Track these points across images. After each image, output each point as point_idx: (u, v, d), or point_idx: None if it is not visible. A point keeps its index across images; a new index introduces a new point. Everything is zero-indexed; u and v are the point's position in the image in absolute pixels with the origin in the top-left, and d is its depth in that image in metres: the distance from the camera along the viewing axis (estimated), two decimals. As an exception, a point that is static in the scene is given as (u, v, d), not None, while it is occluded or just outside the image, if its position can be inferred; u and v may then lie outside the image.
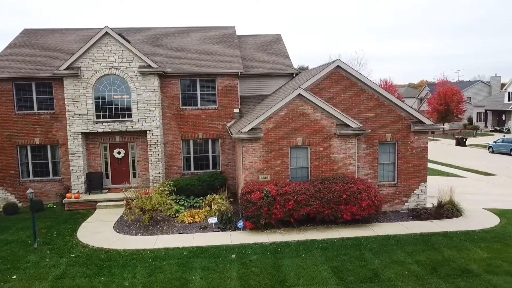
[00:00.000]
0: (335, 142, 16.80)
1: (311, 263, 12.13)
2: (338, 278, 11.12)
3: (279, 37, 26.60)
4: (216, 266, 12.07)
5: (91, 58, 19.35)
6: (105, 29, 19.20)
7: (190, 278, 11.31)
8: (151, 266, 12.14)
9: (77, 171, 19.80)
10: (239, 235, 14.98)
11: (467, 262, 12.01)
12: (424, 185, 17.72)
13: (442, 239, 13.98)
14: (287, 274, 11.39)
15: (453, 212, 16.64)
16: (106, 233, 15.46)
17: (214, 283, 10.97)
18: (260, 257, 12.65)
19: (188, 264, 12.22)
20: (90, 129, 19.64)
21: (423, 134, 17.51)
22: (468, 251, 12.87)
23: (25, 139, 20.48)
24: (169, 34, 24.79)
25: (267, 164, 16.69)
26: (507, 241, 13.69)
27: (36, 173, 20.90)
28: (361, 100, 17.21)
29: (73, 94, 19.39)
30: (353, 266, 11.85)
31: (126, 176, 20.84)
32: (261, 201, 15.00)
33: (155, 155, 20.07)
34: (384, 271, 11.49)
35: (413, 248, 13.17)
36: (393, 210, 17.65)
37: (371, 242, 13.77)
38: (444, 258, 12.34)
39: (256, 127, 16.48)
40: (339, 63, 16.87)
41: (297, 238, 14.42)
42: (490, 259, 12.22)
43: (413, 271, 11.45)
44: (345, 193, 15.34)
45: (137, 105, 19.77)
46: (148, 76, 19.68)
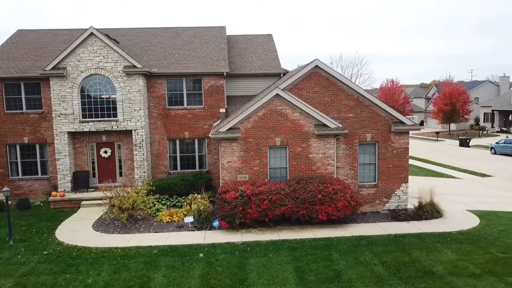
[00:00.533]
0: (313, 142, 16.77)
1: (276, 262, 12.14)
2: (299, 278, 11.12)
3: (270, 37, 26.60)
4: (182, 264, 12.15)
5: (76, 59, 19.61)
6: (90, 29, 19.44)
7: (153, 276, 11.41)
8: (118, 264, 12.27)
9: (64, 170, 20.08)
10: (213, 234, 15.05)
11: (433, 263, 11.90)
12: (405, 186, 17.59)
13: (414, 240, 13.86)
14: (249, 274, 11.42)
15: (432, 214, 16.49)
16: (84, 231, 15.66)
17: (175, 282, 11.05)
18: (227, 257, 12.70)
19: (154, 263, 12.33)
20: (76, 129, 19.91)
21: (404, 135, 17.38)
22: (437, 252, 12.75)
23: (14, 138, 20.84)
24: (160, 34, 24.97)
25: (246, 164, 16.73)
26: (480, 243, 13.53)
27: (25, 171, 21.26)
28: (340, 100, 17.15)
29: (59, 94, 19.67)
30: (317, 266, 11.83)
31: (113, 175, 21.07)
32: (235, 201, 15.05)
33: (140, 155, 20.26)
34: (346, 271, 11.46)
35: (382, 249, 13.09)
36: (374, 211, 17.55)
37: (343, 243, 13.72)
38: (411, 259, 12.24)
39: (234, 127, 16.54)
40: (317, 63, 16.84)
41: (270, 238, 14.43)
42: (458, 261, 12.09)
43: (375, 272, 11.39)
44: (320, 193, 15.30)
45: (122, 105, 19.98)
46: (133, 76, 19.87)
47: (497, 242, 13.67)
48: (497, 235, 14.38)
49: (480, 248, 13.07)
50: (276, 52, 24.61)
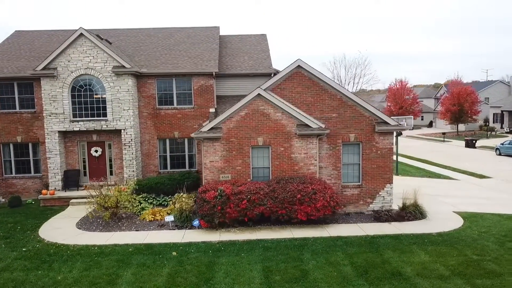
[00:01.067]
0: (296, 142, 16.76)
1: (246, 262, 12.19)
2: (264, 277, 11.14)
3: (264, 37, 26.63)
4: (153, 263, 12.28)
5: (67, 59, 19.92)
6: (80, 30, 19.73)
7: (122, 273, 11.56)
8: (92, 262, 12.45)
9: (54, 169, 20.42)
10: (192, 233, 15.15)
11: (403, 265, 11.80)
12: (389, 186, 17.45)
13: (391, 242, 13.77)
14: (217, 273, 11.49)
15: (415, 215, 16.33)
16: (67, 229, 15.91)
17: (142, 279, 11.18)
18: (199, 255, 12.79)
19: (127, 260, 12.48)
20: (66, 128, 20.22)
21: (388, 135, 17.25)
22: (411, 254, 12.64)
23: (7, 137, 21.27)
24: (154, 35, 25.21)
25: (228, 163, 16.81)
26: (457, 245, 13.37)
27: (18, 170, 21.68)
28: (323, 100, 17.10)
29: (50, 94, 20.01)
30: (286, 266, 11.83)
31: (103, 174, 21.34)
32: (214, 200, 15.12)
33: (129, 154, 20.48)
34: (314, 271, 11.44)
35: (356, 250, 13.03)
36: (358, 211, 17.45)
37: (318, 243, 13.69)
38: (382, 260, 12.16)
39: (217, 127, 16.63)
40: (299, 63, 16.82)
41: (248, 237, 14.47)
42: (429, 262, 11.98)
43: (343, 273, 11.35)
44: (299, 193, 15.29)
45: (111, 105, 20.23)
46: (122, 76, 20.10)
47: (474, 244, 13.49)
48: (477, 237, 14.18)
49: (455, 250, 12.92)
50: (268, 52, 24.62)
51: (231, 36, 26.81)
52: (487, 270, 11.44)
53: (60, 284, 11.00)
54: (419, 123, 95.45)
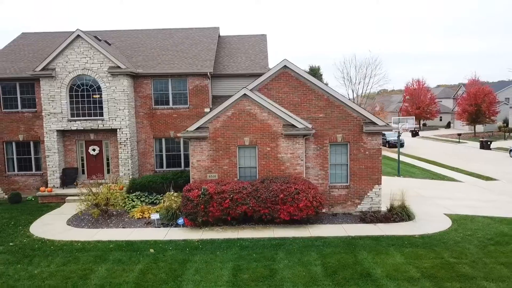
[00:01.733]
0: (282, 142, 16.80)
1: (219, 260, 12.32)
2: (233, 275, 11.25)
3: (263, 37, 26.71)
4: (129, 259, 12.55)
5: (65, 60, 20.47)
6: (77, 32, 20.25)
7: (96, 269, 11.86)
8: (71, 257, 12.82)
9: (53, 167, 21.02)
10: (176, 231, 15.38)
11: (374, 266, 11.72)
12: (378, 187, 17.29)
13: (370, 243, 13.66)
14: (188, 270, 11.66)
15: (402, 216, 16.14)
16: (57, 225, 16.38)
17: (114, 275, 11.45)
18: (176, 253, 13.00)
19: (104, 256, 12.79)
20: (64, 127, 20.79)
21: (376, 135, 17.09)
22: (386, 255, 12.53)
23: (10, 135, 22.01)
24: (154, 35, 25.62)
25: (215, 163, 16.98)
26: (436, 247, 13.17)
27: (20, 167, 22.39)
28: (310, 101, 17.08)
29: (48, 94, 20.61)
30: (257, 265, 11.91)
31: (100, 172, 21.83)
32: (198, 199, 15.32)
33: (124, 153, 20.91)
34: (283, 271, 11.48)
35: (332, 250, 12.99)
36: (346, 212, 17.35)
37: (296, 243, 13.71)
38: (355, 261, 12.10)
39: (203, 126, 16.82)
40: (286, 63, 16.85)
41: (229, 236, 14.60)
42: (402, 264, 11.85)
43: (312, 273, 11.35)
44: (282, 193, 15.33)
45: (107, 104, 20.69)
46: (118, 77, 20.53)
47: (455, 247, 13.26)
48: (460, 240, 13.93)
49: (433, 253, 12.73)
50: (266, 53, 24.69)
51: (230, 37, 27.00)
52: (460, 273, 11.25)
53: (35, 278, 11.37)
54: (437, 124, 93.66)
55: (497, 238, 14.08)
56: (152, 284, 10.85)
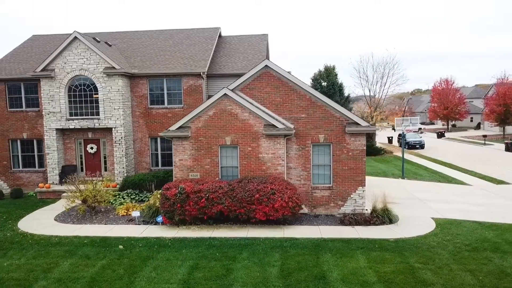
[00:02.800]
0: (263, 142, 16.76)
1: (181, 258, 12.46)
2: (188, 274, 11.36)
3: (264, 37, 26.67)
4: (96, 255, 12.90)
5: (63, 61, 21.22)
6: (74, 33, 20.94)
7: (61, 263, 12.27)
8: (43, 251, 13.31)
9: (52, 164, 21.84)
10: (153, 229, 15.66)
11: (333, 269, 11.52)
12: (362, 189, 16.94)
13: (339, 245, 13.43)
14: (147, 267, 11.86)
15: (383, 219, 15.75)
16: (44, 220, 17.02)
17: (76, 269, 11.80)
18: (142, 250, 13.24)
19: (74, 251, 13.21)
20: (63, 126, 21.55)
21: (360, 136, 16.75)
22: (350, 258, 12.29)
23: (15, 133, 23.02)
24: (155, 36, 26.11)
25: (197, 162, 17.15)
26: (406, 252, 12.79)
27: (24, 164, 23.39)
28: (292, 101, 16.95)
29: (48, 94, 21.43)
30: (216, 264, 11.96)
31: (98, 170, 22.49)
32: (174, 198, 15.53)
33: (119, 151, 21.44)
34: (238, 271, 11.48)
35: (297, 252, 12.87)
36: (329, 214, 17.11)
37: (265, 243, 13.66)
38: (315, 263, 11.94)
39: (185, 126, 17.03)
40: (267, 63, 16.80)
41: (202, 235, 14.73)
42: (363, 268, 11.59)
43: (266, 274, 11.29)
44: (258, 192, 15.30)
45: (103, 104, 21.28)
46: (113, 77, 21.08)
47: (426, 252, 12.82)
48: (435, 245, 13.46)
49: (400, 257, 12.37)
50: (264, 52, 24.66)
51: (231, 37, 27.12)
52: (419, 279, 10.89)
53: (2, 270, 11.88)
54: (467, 125, 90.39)
55: (475, 244, 13.51)
56: (107, 280, 11.11)
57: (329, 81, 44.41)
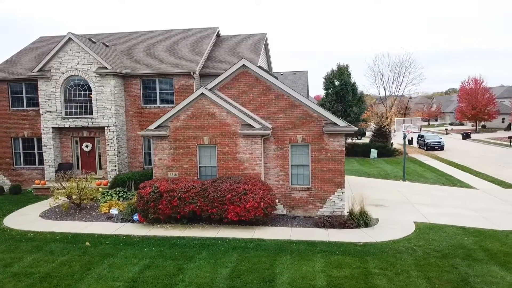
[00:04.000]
0: (241, 142, 16.65)
1: (139, 257, 12.55)
2: (140, 272, 11.42)
3: (262, 36, 26.51)
4: (60, 251, 13.19)
5: (59, 61, 21.84)
6: (69, 35, 21.50)
7: (25, 258, 12.62)
8: (12, 245, 13.75)
9: (49, 161, 22.52)
10: (128, 227, 15.86)
11: (285, 272, 11.29)
12: (341, 191, 16.54)
13: (302, 248, 13.16)
14: (103, 264, 12.02)
15: (359, 222, 15.32)
16: (30, 216, 17.56)
17: (35, 264, 12.11)
18: (106, 247, 13.44)
19: (42, 247, 13.56)
20: (58, 124, 22.19)
21: (339, 137, 16.35)
22: (307, 261, 12.00)
23: (17, 132, 23.90)
24: (153, 37, 26.45)
25: (176, 161, 17.24)
26: (369, 256, 12.38)
27: (26, 161, 24.24)
28: (270, 100, 16.75)
29: (45, 93, 22.11)
30: (170, 263, 11.98)
31: (93, 168, 23.02)
32: (148, 196, 15.67)
33: (111, 150, 21.86)
34: (190, 271, 11.45)
35: (256, 253, 12.69)
36: (307, 215, 16.81)
37: (230, 244, 13.57)
38: (270, 266, 11.74)
39: (164, 125, 17.15)
40: (244, 62, 16.67)
41: (172, 234, 14.79)
42: (316, 272, 11.30)
43: (216, 275, 11.20)
44: (230, 193, 15.22)
45: (96, 103, 21.75)
46: (105, 77, 21.51)
47: (391, 257, 12.36)
48: (403, 250, 12.96)
49: (361, 262, 11.99)
50: (259, 52, 24.52)
51: (230, 36, 27.11)
52: (371, 285, 10.53)
53: (-32, 263, 12.35)
54: (497, 126, 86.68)
55: (447, 251, 12.92)
56: (59, 276, 11.34)
57: (342, 80, 43.65)
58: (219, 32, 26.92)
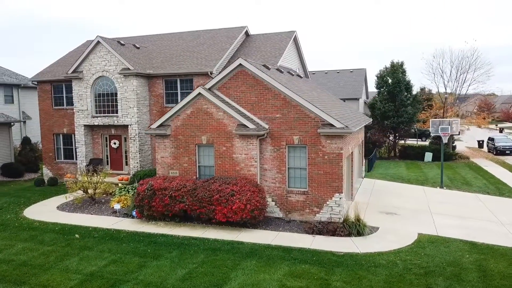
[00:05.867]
0: (237, 142, 16.46)
1: (113, 252, 12.96)
2: (104, 266, 11.79)
3: (289, 34, 25.93)
4: (51, 241, 14.07)
5: (89, 63, 23.27)
6: (97, 38, 22.80)
7: (16, 245, 13.66)
8: (15, 233, 14.95)
9: (81, 157, 24.11)
10: (125, 222, 16.45)
11: (240, 278, 10.93)
12: (338, 196, 15.61)
13: (275, 253, 12.68)
14: (76, 257, 12.60)
15: (350, 230, 14.37)
16: (48, 207, 18.93)
17: (22, 252, 13.05)
18: (92, 240, 14.08)
19: (37, 236, 14.59)
20: (89, 122, 23.66)
21: (336, 139, 15.44)
22: (270, 269, 11.52)
23: (58, 129, 25.91)
24: (183, 37, 27.11)
25: (176, 160, 17.52)
26: (340, 268, 11.55)
27: (65, 156, 26.19)
28: (267, 100, 16.32)
29: (78, 93, 23.70)
30: (136, 260, 12.21)
31: (120, 164, 24.22)
32: (143, 193, 16.12)
33: (134, 147, 22.82)
34: (149, 268, 11.59)
35: (224, 256, 12.45)
36: (304, 220, 16.10)
37: (205, 245, 13.51)
38: (228, 270, 11.45)
39: (165, 124, 17.50)
40: (241, 61, 16.41)
41: (159, 231, 15.06)
42: (271, 280, 10.80)
43: (171, 275, 11.18)
44: (218, 193, 15.13)
45: (121, 103, 22.84)
46: (128, 77, 22.50)
47: (362, 271, 11.41)
48: (383, 264, 11.90)
49: (325, 273, 11.23)
50: (283, 50, 24.03)
51: (258, 35, 26.89)
52: (319, 299, 9.81)
53: (-35, 247, 13.65)
54: None
55: (434, 268, 11.64)
56: (32, 264, 12.11)
57: (395, 78, 41.23)
58: (247, 31, 26.82)
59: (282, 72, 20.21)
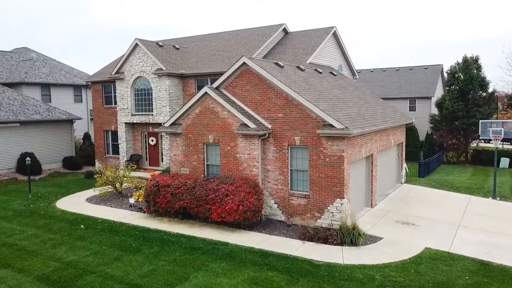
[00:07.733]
0: (240, 142, 16.26)
1: (103, 244, 13.58)
2: (84, 257, 12.42)
3: (327, 30, 24.86)
4: (58, 229, 15.18)
5: (129, 64, 24.64)
6: (135, 41, 24.05)
7: (28, 231, 14.96)
8: (34, 221, 16.36)
9: (122, 152, 25.67)
10: (134, 216, 17.14)
11: (195, 279, 10.77)
12: (340, 202, 14.63)
13: (250, 257, 12.28)
14: (66, 246, 13.43)
15: (343, 239, 13.39)
16: (79, 199, 20.41)
17: (29, 238, 14.27)
18: (92, 231, 14.90)
19: (50, 224, 15.84)
20: (129, 120, 25.08)
21: (338, 140, 14.46)
22: (233, 272, 11.18)
23: (107, 125, 27.86)
24: (222, 37, 27.43)
25: (187, 158, 17.83)
26: (306, 277, 10.84)
27: (113, 151, 28.05)
28: (270, 99, 15.84)
29: (120, 93, 25.25)
30: (114, 253, 12.66)
31: (157, 160, 25.31)
32: (150, 189, 16.66)
33: (166, 144, 23.68)
34: (121, 262, 11.96)
35: (195, 256, 12.37)
36: (305, 224, 15.32)
37: (191, 243, 13.57)
38: (190, 271, 11.34)
39: (177, 123, 17.88)
40: (245, 60, 16.10)
41: (159, 227, 15.43)
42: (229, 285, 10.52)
43: (137, 270, 11.41)
44: (214, 192, 15.11)
45: (155, 102, 23.85)
46: (161, 77, 23.40)
47: (329, 285, 10.56)
48: (360, 278, 10.87)
49: (288, 283, 10.58)
50: (316, 47, 23.16)
51: (297, 32, 26.20)
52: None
53: None
54: None
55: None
56: (27, 249, 13.19)
57: (467, 75, 37.47)
58: (286, 29, 26.30)
59: (303, 70, 19.45)
